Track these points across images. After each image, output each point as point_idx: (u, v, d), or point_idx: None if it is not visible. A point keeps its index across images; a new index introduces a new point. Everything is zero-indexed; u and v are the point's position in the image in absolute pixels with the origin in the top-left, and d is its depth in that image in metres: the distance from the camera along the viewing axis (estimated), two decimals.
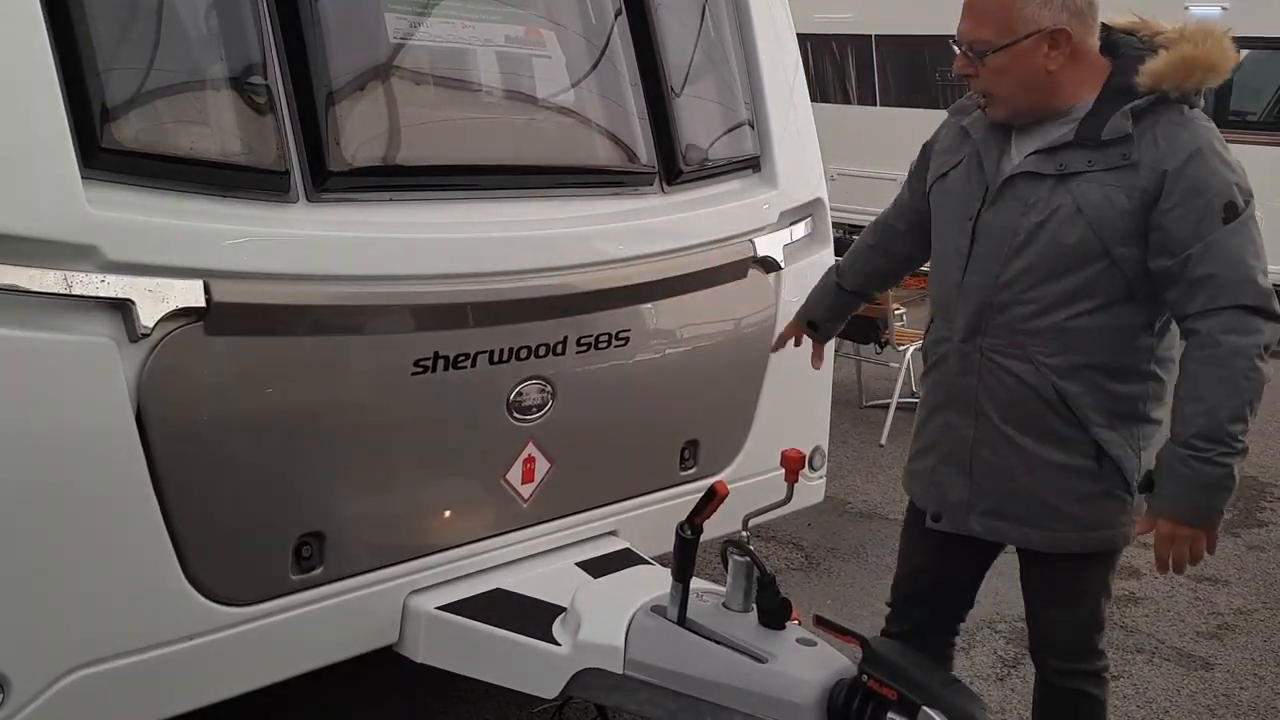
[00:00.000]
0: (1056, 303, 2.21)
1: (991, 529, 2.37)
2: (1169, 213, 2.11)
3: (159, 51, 2.21)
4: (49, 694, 2.12)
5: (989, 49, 2.18)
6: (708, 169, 3.19)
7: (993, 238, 2.26)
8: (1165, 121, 2.15)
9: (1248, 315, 2.08)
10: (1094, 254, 2.17)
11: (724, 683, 2.30)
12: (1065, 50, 2.16)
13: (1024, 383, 2.26)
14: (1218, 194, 2.10)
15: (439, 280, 2.56)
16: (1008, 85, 2.21)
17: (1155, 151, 2.13)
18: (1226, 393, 2.07)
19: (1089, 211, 2.16)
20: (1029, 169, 2.22)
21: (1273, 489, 5.68)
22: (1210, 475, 2.09)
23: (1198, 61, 2.15)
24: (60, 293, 2.04)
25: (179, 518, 2.24)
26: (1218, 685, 3.69)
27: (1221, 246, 2.09)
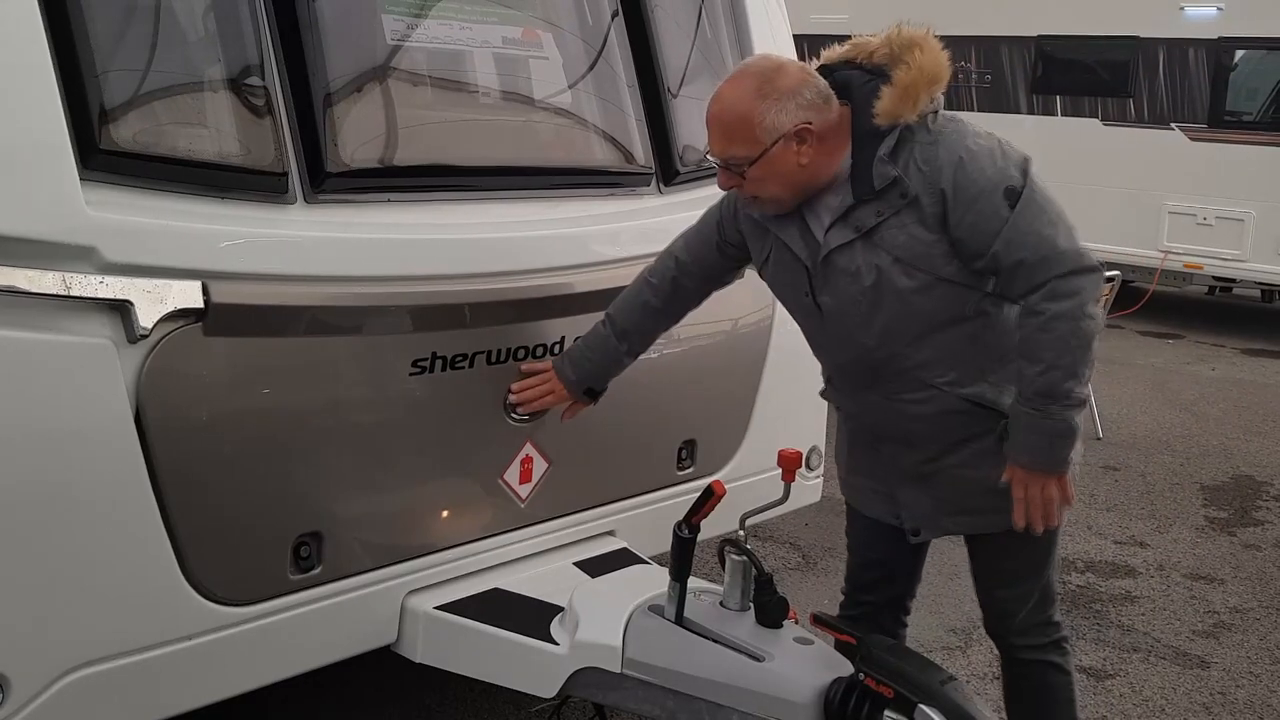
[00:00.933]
0: (928, 338, 2.31)
1: (964, 524, 2.49)
2: (960, 224, 2.21)
3: (157, 53, 2.21)
4: (48, 694, 2.12)
5: (745, 163, 2.26)
6: (704, 170, 3.19)
7: (842, 314, 2.35)
8: (920, 146, 2.21)
9: (1064, 280, 2.18)
10: (931, 286, 2.27)
11: (721, 681, 2.31)
12: (812, 142, 2.24)
13: (937, 408, 2.36)
14: (993, 187, 2.18)
15: (437, 281, 2.57)
16: (772, 188, 2.29)
17: (923, 178, 2.21)
18: (1058, 354, 2.18)
19: (904, 255, 2.25)
20: (836, 243, 2.29)
21: (1268, 488, 5.70)
22: (1050, 428, 2.22)
23: (917, 85, 2.21)
24: (59, 294, 2.04)
25: (178, 518, 2.24)
26: (1213, 684, 3.71)
27: (1016, 232, 2.18)
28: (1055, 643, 2.53)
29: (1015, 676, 2.60)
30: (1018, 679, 2.59)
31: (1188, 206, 9.43)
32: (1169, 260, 9.53)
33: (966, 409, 2.35)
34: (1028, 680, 2.57)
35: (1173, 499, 5.45)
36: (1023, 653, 2.54)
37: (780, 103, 2.21)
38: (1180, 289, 10.73)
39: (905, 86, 2.20)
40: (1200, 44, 9.38)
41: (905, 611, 2.75)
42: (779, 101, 2.21)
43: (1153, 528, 5.06)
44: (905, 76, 2.21)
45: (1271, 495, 5.60)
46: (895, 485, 2.50)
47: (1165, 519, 5.19)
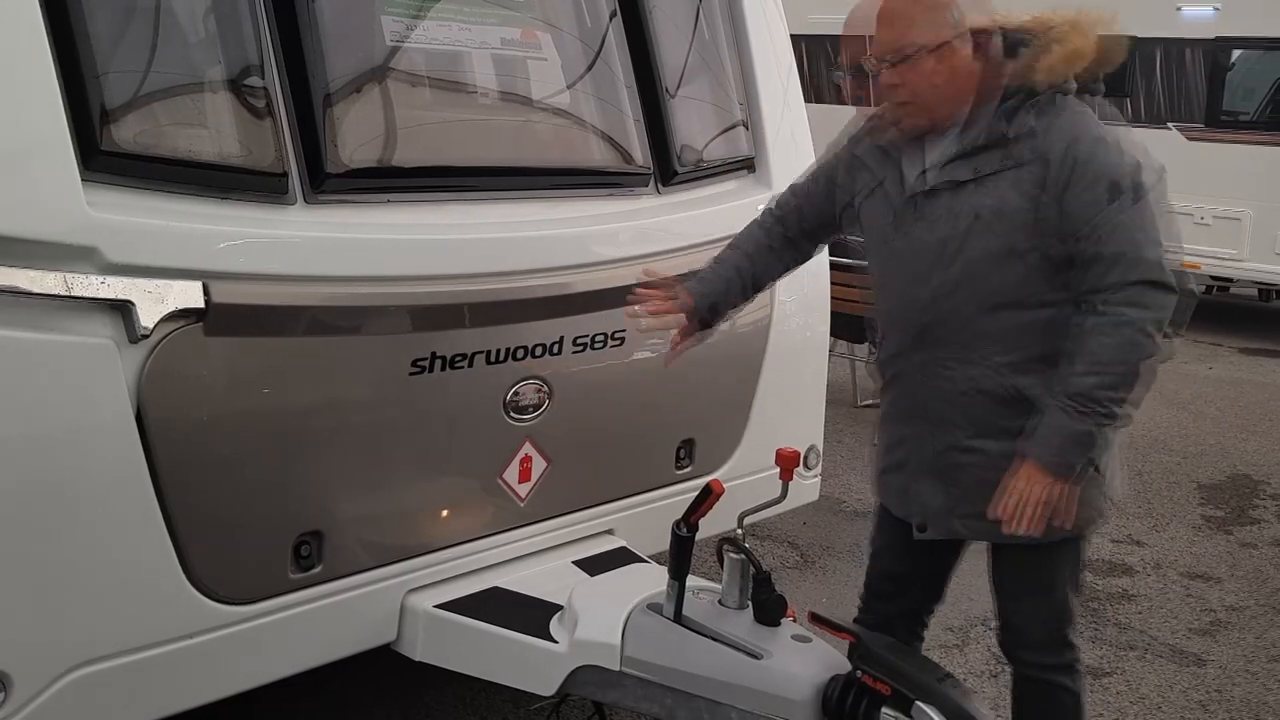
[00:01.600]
0: (995, 304, 2.27)
1: (975, 529, 2.39)
2: (1055, 200, 2.19)
3: (158, 54, 2.22)
4: (50, 692, 2.13)
5: (921, 51, 2.23)
6: (702, 170, 3.21)
7: (920, 253, 2.32)
8: (1065, 113, 2.22)
9: (1144, 289, 2.15)
10: (1018, 250, 2.23)
11: (720, 679, 2.32)
12: (981, 54, 2.25)
13: (979, 386, 2.31)
14: (1111, 176, 2.17)
15: (436, 281, 2.57)
16: (936, 90, 2.26)
17: (1033, 144, 2.21)
18: (1106, 359, 2.14)
19: (988, 215, 2.23)
20: (946, 178, 2.28)
21: (1265, 487, 5.71)
22: (1074, 430, 2.17)
23: (1086, 53, 2.22)
24: (60, 294, 2.05)
25: (179, 517, 2.25)
26: (1210, 681, 3.72)
27: (1108, 224, 2.16)
28: (1068, 665, 2.46)
29: (1022, 692, 2.55)
30: (1024, 695, 2.54)
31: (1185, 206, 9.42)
32: None
33: (1007, 397, 2.28)
34: (1034, 698, 2.51)
35: (1170, 498, 5.46)
36: (1032, 670, 2.48)
37: (958, 6, 2.24)
38: None
39: (1075, 51, 2.21)
40: (1197, 44, 9.40)
41: (922, 625, 2.69)
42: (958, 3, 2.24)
43: (1150, 526, 5.07)
44: (1077, 43, 2.22)
45: (1268, 494, 5.62)
46: (914, 475, 2.44)
47: (1162, 518, 5.20)
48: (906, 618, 2.65)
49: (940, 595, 2.67)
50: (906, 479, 2.47)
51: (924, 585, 2.63)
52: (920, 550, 2.52)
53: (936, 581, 2.64)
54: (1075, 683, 2.47)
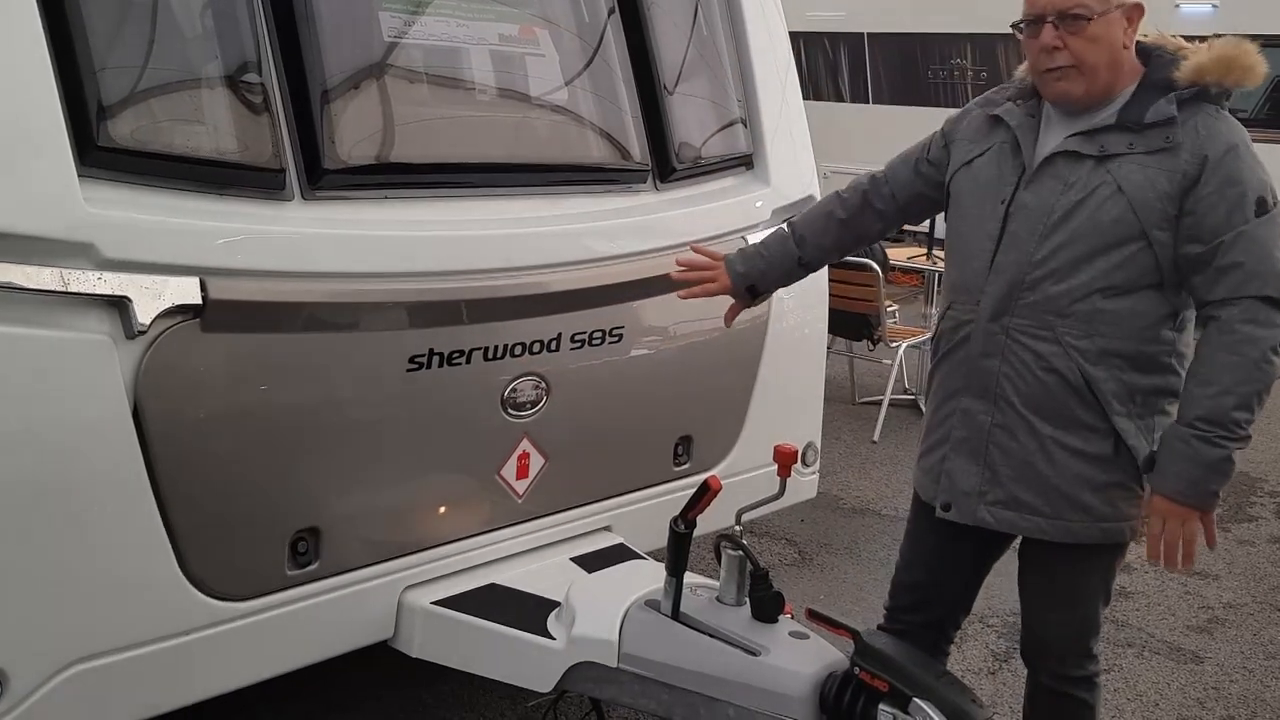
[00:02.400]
0: (1088, 283, 2.23)
1: (1002, 519, 2.35)
2: (1205, 199, 2.16)
3: (155, 50, 2.22)
4: (47, 688, 2.13)
5: (1091, 15, 2.21)
6: (701, 166, 3.20)
7: (1028, 216, 2.29)
8: (1204, 114, 2.21)
9: (1269, 307, 2.13)
10: (1131, 234, 2.21)
11: (717, 676, 2.32)
12: (1135, 28, 2.25)
13: (1050, 366, 2.27)
14: (1252, 188, 2.16)
15: (434, 277, 2.57)
16: (1096, 56, 2.24)
17: (1196, 138, 2.19)
18: (1237, 379, 2.12)
19: (1130, 191, 2.20)
20: (1070, 148, 2.26)
21: (1262, 484, 5.71)
22: (1209, 456, 2.14)
23: (1237, 60, 2.22)
24: (57, 290, 2.05)
25: (175, 514, 2.25)
26: (1207, 678, 3.72)
27: (1252, 238, 2.14)
28: (1087, 678, 2.42)
29: (1036, 700, 2.51)
30: (1038, 703, 2.50)
31: None
32: None
33: (1077, 384, 2.25)
34: (1048, 708, 2.47)
35: None
36: (1050, 680, 2.44)
37: None
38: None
39: (1220, 56, 2.23)
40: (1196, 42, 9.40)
41: (948, 640, 2.66)
42: None
43: None
44: (1226, 50, 2.24)
45: (1265, 491, 5.62)
46: (952, 455, 2.39)
47: None
48: (933, 630, 2.61)
49: (968, 608, 2.63)
50: (942, 458, 2.42)
51: (953, 596, 2.59)
52: (951, 560, 2.49)
53: (966, 593, 2.59)
54: (1092, 696, 2.44)
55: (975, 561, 2.53)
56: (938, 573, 2.54)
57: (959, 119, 2.54)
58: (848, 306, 5.96)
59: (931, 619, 2.60)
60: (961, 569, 2.53)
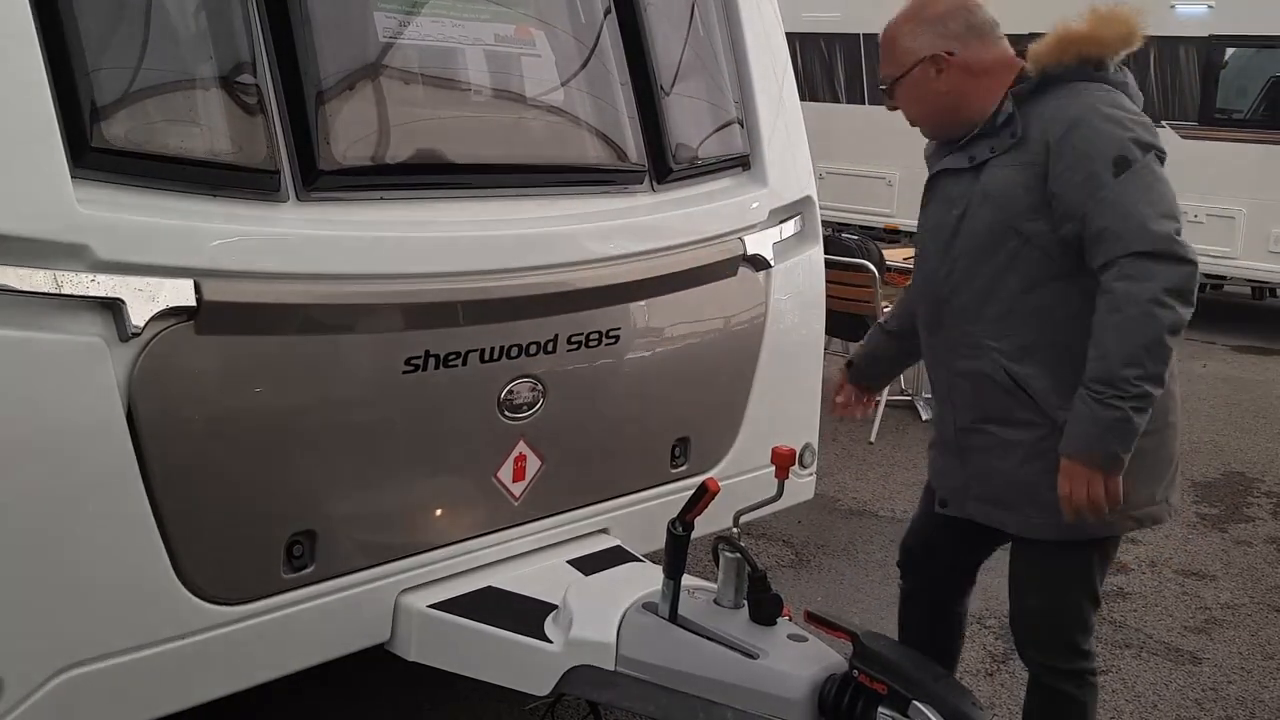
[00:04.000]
0: (988, 288, 2.33)
1: (985, 513, 2.46)
2: (1061, 177, 2.22)
3: (148, 50, 2.21)
4: (41, 694, 2.12)
5: (889, 81, 2.46)
6: (697, 167, 3.19)
7: (932, 238, 2.46)
8: (1054, 99, 2.27)
9: (1141, 261, 2.14)
10: (1005, 234, 2.29)
11: (715, 678, 2.31)
12: (951, 71, 2.36)
13: (980, 371, 2.37)
14: (1106, 152, 2.19)
15: (430, 279, 2.56)
16: (916, 109, 2.46)
17: (1041, 124, 2.25)
18: (1119, 338, 2.14)
19: (994, 193, 2.31)
20: (947, 166, 2.41)
21: (1259, 484, 5.72)
22: (1105, 417, 2.16)
23: (1072, 37, 2.28)
24: (50, 292, 2.04)
25: (170, 517, 2.24)
26: (1205, 679, 3.72)
27: (1112, 200, 2.17)
28: (1075, 672, 2.44)
29: (1030, 694, 2.55)
30: (1030, 697, 2.55)
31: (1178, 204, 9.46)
32: None
33: (1007, 384, 2.32)
34: (1038, 702, 2.51)
35: None
36: (1039, 671, 2.49)
37: (921, 28, 2.38)
38: None
39: (1059, 36, 2.29)
40: (1191, 42, 9.41)
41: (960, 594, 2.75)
42: (919, 26, 2.38)
43: None
44: (1065, 28, 2.29)
45: (1262, 491, 5.62)
46: (943, 452, 2.54)
47: None
48: (939, 590, 2.74)
49: (971, 577, 2.75)
50: (938, 453, 2.58)
51: (952, 565, 2.71)
52: (949, 529, 2.58)
53: (965, 563, 2.71)
54: (1083, 693, 2.46)
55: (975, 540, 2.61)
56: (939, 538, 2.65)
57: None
58: (845, 307, 5.96)
59: (935, 577, 2.73)
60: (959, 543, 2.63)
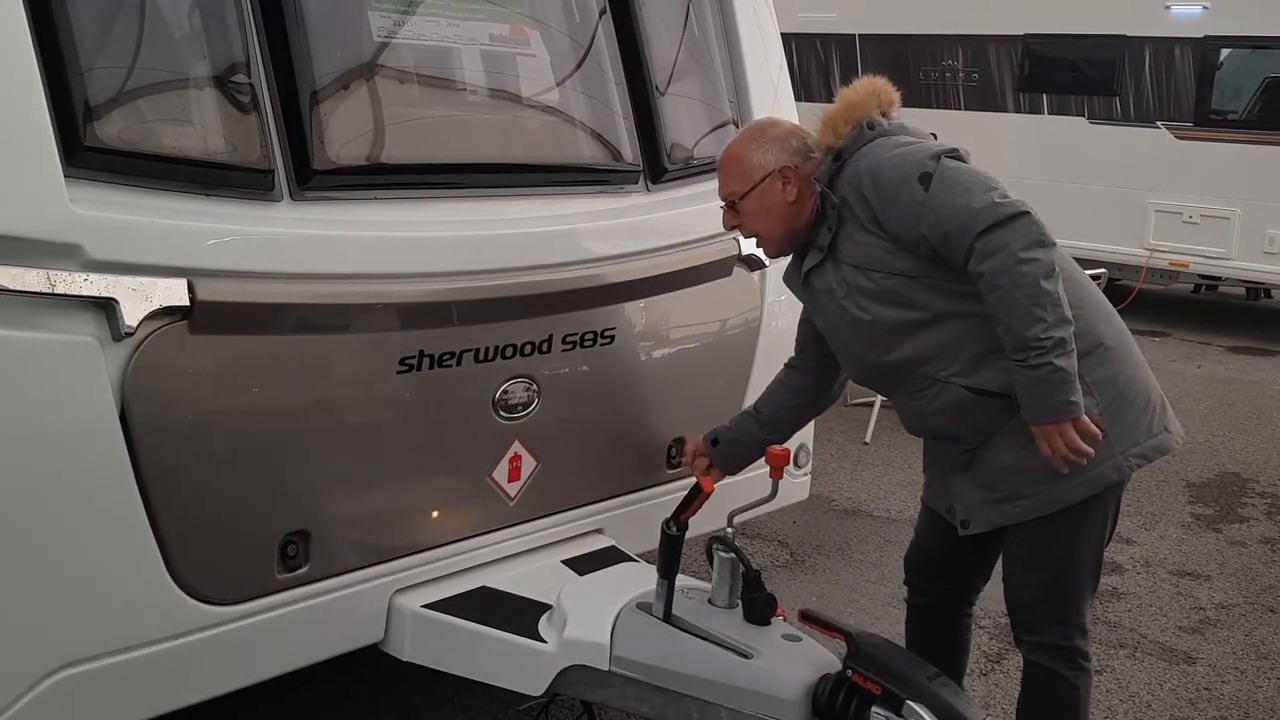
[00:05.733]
0: (910, 333, 2.42)
1: (1008, 513, 2.48)
2: (889, 220, 2.38)
3: (142, 49, 2.20)
4: (33, 694, 2.11)
5: (739, 197, 2.56)
6: (692, 167, 3.19)
7: (833, 332, 2.57)
8: (850, 167, 2.45)
9: (985, 238, 2.26)
10: (892, 286, 2.41)
11: (709, 678, 2.31)
12: (795, 182, 2.51)
13: (949, 400, 2.43)
14: (906, 179, 2.35)
15: (424, 279, 2.56)
16: (763, 222, 2.57)
17: (852, 189, 2.43)
18: (1008, 308, 2.26)
19: (858, 261, 2.44)
20: (810, 265, 2.55)
21: (1253, 485, 5.73)
22: (1035, 376, 2.27)
23: (833, 113, 2.50)
24: (43, 291, 2.03)
25: (164, 517, 2.23)
26: (1199, 679, 3.72)
27: (934, 209, 2.31)
28: (1070, 651, 2.48)
29: (1023, 680, 2.58)
30: (1025, 681, 2.57)
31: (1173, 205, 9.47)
32: (1155, 258, 9.57)
33: (977, 399, 2.40)
34: (1032, 684, 2.54)
35: (1159, 496, 5.47)
36: (1034, 654, 2.51)
37: (767, 145, 2.54)
38: (1166, 287, 10.78)
39: (824, 120, 2.52)
40: (1186, 43, 9.42)
41: (968, 604, 2.79)
42: (766, 144, 2.55)
43: (1139, 524, 5.09)
44: (825, 111, 2.52)
45: (1256, 492, 5.63)
46: (948, 476, 2.57)
47: (1151, 516, 5.21)
48: (951, 598, 2.77)
49: (986, 575, 2.76)
50: (943, 476, 2.60)
51: (969, 569, 2.73)
52: (951, 533, 2.59)
53: (981, 565, 2.72)
54: (1077, 678, 2.49)
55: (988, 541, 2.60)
56: (953, 549, 2.66)
57: None
58: None
59: (950, 589, 2.75)
60: (974, 548, 2.64)
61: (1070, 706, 2.50)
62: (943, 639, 2.76)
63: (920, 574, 2.78)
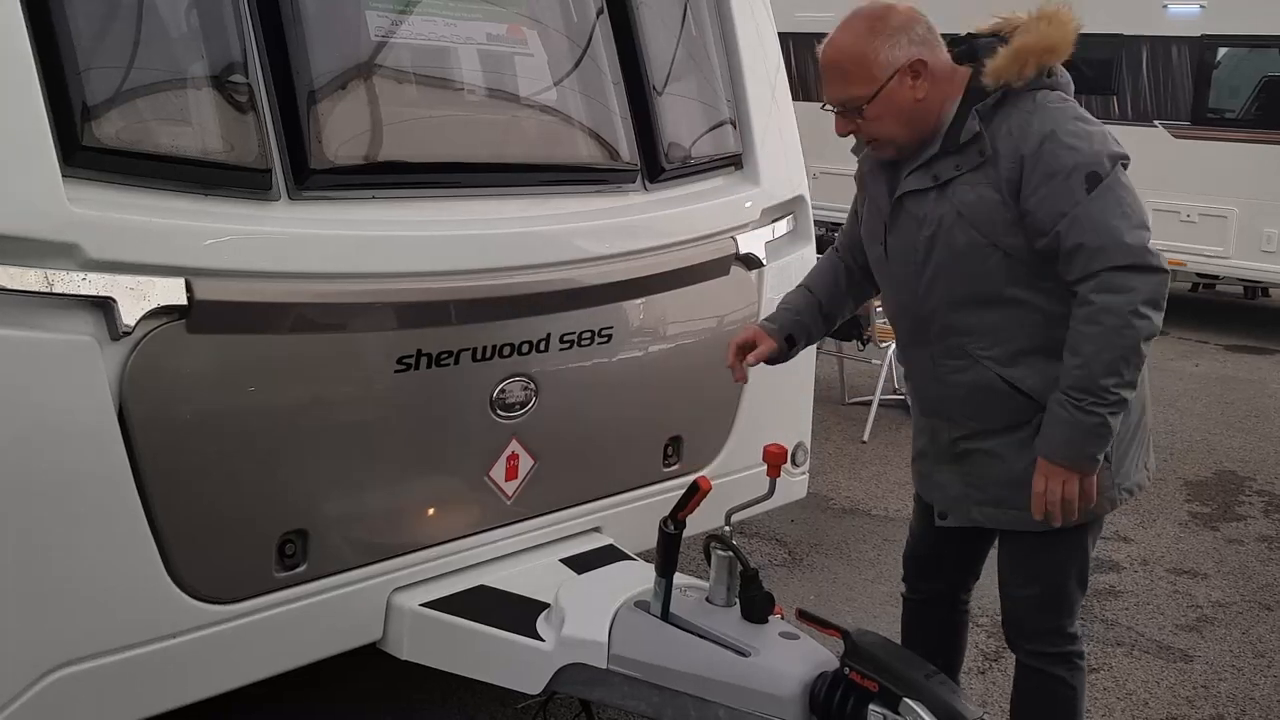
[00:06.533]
0: (972, 301, 2.33)
1: (990, 516, 2.46)
2: (1034, 195, 2.21)
3: (140, 49, 2.20)
4: (32, 692, 2.12)
5: (862, 102, 2.31)
6: (690, 167, 3.20)
7: (901, 259, 2.41)
8: (1017, 113, 2.25)
9: (1119, 274, 2.17)
10: (984, 251, 2.29)
11: (707, 676, 2.31)
12: (926, 77, 2.29)
13: (974, 381, 2.37)
14: (1075, 168, 2.19)
15: (422, 278, 2.56)
16: (889, 126, 2.34)
17: (1011, 141, 2.23)
18: (1099, 348, 2.18)
19: (968, 213, 2.28)
20: (911, 187, 2.36)
21: (1250, 483, 5.73)
22: (1084, 422, 2.21)
23: (1030, 49, 2.25)
24: (41, 291, 2.04)
25: (162, 516, 2.24)
26: (1196, 677, 3.73)
27: (1086, 216, 2.18)
28: (1065, 655, 2.48)
29: (1019, 681, 2.58)
30: (1021, 684, 2.58)
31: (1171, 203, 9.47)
32: None
33: (1004, 390, 2.33)
34: (1030, 688, 2.54)
35: (1156, 494, 5.48)
36: (1030, 659, 2.51)
37: (894, 38, 2.27)
38: None
39: (1017, 49, 2.25)
40: (1183, 42, 9.43)
41: (962, 602, 2.78)
42: (892, 37, 2.27)
43: (1136, 523, 5.09)
44: (1020, 40, 2.26)
45: (1254, 490, 5.64)
46: (935, 465, 2.52)
47: (1148, 514, 5.22)
48: (948, 595, 2.75)
49: (976, 573, 2.75)
50: (929, 466, 2.55)
51: (958, 566, 2.72)
52: (952, 538, 2.59)
53: (970, 562, 2.72)
54: (1073, 677, 2.50)
55: (975, 539, 2.61)
56: (941, 545, 2.65)
57: (860, 164, 2.62)
58: None
59: (943, 586, 2.74)
60: (962, 545, 2.64)
61: (1068, 706, 2.50)
62: (937, 634, 2.76)
63: (914, 569, 2.77)
